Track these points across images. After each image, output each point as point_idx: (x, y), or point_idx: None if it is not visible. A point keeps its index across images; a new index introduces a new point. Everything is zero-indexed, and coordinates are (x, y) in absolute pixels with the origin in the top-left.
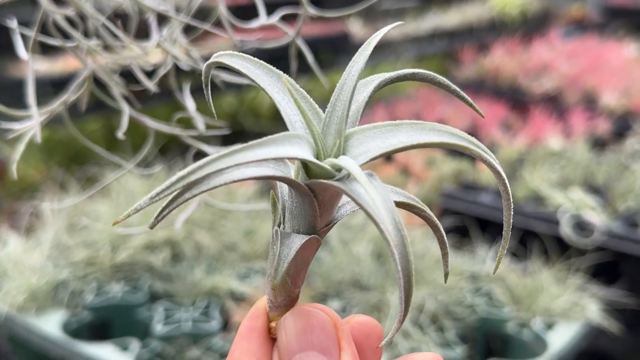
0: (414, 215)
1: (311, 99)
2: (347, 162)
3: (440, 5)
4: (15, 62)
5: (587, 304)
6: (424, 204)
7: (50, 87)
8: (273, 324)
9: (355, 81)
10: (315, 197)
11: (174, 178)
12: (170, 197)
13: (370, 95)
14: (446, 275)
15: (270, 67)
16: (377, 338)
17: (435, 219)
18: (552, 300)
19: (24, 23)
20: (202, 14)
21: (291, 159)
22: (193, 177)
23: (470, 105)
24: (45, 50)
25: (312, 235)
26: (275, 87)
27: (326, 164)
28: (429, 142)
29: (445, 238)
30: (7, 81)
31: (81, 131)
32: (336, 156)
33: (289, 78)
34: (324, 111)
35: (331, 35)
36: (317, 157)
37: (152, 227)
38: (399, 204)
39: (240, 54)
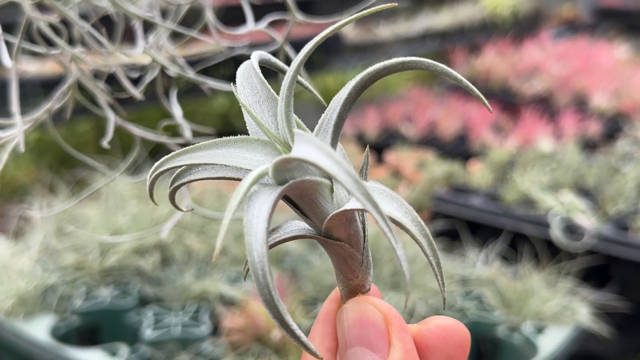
0: None
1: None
2: (251, 172)
3: (432, 6)
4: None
5: (578, 307)
6: (410, 213)
7: (41, 87)
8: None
9: (289, 82)
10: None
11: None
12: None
13: (351, 92)
14: (444, 300)
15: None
16: (455, 345)
17: (418, 236)
18: (542, 303)
19: (9, 25)
20: (190, 18)
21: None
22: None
23: (476, 94)
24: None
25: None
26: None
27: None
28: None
29: (434, 259)
30: None
31: (72, 132)
32: None
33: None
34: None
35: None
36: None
37: (175, 206)
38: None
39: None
